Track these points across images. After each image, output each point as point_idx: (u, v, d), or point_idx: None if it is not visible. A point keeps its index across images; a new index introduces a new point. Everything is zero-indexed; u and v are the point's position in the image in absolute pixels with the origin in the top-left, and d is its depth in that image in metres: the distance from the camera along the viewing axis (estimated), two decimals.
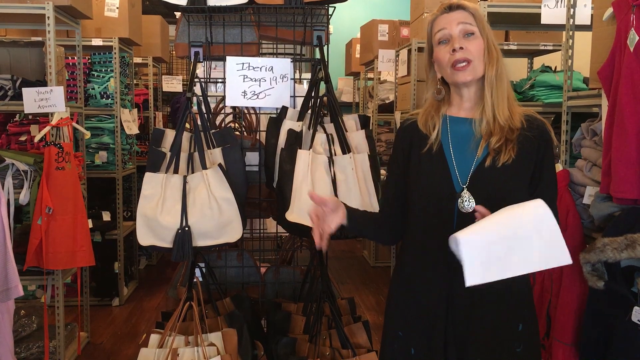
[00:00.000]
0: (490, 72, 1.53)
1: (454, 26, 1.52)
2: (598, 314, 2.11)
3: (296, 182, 2.26)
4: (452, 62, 1.51)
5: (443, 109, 1.62)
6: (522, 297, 1.58)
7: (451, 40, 1.52)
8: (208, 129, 2.47)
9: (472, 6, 1.56)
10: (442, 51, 1.54)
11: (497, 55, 1.54)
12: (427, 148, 1.58)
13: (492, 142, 1.51)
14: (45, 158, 3.03)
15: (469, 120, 1.58)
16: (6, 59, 3.61)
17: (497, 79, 1.53)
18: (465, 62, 1.51)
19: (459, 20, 1.52)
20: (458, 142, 1.57)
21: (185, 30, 2.76)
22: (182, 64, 7.08)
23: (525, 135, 1.53)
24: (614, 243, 1.90)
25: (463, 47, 1.50)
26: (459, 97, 1.59)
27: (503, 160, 1.50)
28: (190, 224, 2.26)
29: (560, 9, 3.13)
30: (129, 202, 5.18)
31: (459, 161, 1.55)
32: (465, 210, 1.49)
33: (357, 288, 5.03)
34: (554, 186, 1.59)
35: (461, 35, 1.52)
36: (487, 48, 1.53)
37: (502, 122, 1.52)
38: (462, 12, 1.54)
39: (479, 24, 1.53)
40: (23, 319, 3.26)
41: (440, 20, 1.55)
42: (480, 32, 1.53)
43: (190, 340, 2.35)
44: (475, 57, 1.51)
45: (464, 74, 1.52)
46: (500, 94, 1.54)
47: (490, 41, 1.54)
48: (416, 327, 1.59)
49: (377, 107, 5.90)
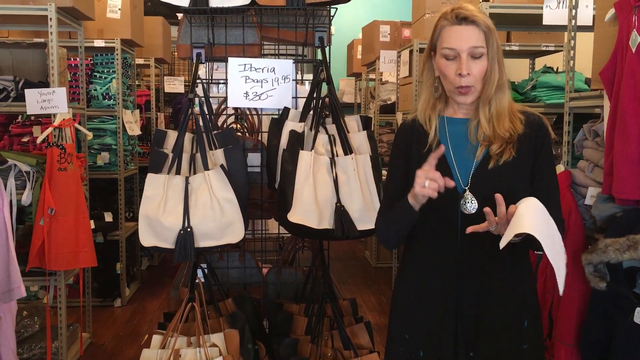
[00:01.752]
0: (488, 91, 1.51)
1: (463, 47, 1.48)
2: (600, 315, 2.10)
3: (298, 183, 2.26)
4: (457, 84, 1.50)
5: (439, 106, 1.61)
6: (527, 294, 1.58)
7: (459, 61, 1.49)
8: (210, 130, 2.47)
9: (484, 21, 1.50)
10: (449, 67, 1.52)
11: (497, 77, 1.51)
12: (427, 148, 1.58)
13: (493, 149, 1.51)
14: (48, 159, 3.04)
15: (466, 120, 1.58)
16: (9, 60, 3.62)
17: (498, 100, 1.52)
18: (468, 87, 1.50)
19: (470, 43, 1.48)
20: (457, 143, 1.57)
21: (187, 31, 2.76)
22: (184, 65, 7.09)
23: (524, 132, 1.53)
24: (616, 244, 1.90)
25: (470, 73, 1.48)
26: (456, 103, 1.59)
27: (504, 159, 1.50)
28: (192, 225, 2.27)
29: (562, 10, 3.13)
30: (130, 203, 5.19)
31: (459, 162, 1.55)
32: (468, 211, 1.49)
33: (359, 289, 5.03)
34: (554, 180, 1.58)
35: (469, 58, 1.49)
36: (489, 69, 1.50)
37: (503, 133, 1.52)
38: (474, 29, 1.49)
39: (488, 41, 1.50)
40: (25, 320, 3.26)
41: (451, 33, 1.51)
42: (487, 52, 1.50)
43: (193, 341, 2.35)
44: (477, 80, 1.51)
45: (465, 97, 1.52)
46: (500, 113, 1.53)
47: (494, 61, 1.50)
48: (424, 328, 1.59)
49: (379, 108, 5.90)
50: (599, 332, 2.09)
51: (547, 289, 2.41)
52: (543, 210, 1.37)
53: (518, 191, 1.49)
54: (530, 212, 1.35)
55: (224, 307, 2.64)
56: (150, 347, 2.34)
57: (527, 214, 1.35)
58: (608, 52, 2.17)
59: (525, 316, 1.57)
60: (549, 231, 1.35)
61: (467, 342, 1.54)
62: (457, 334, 1.55)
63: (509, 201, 1.37)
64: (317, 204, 2.27)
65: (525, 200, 1.39)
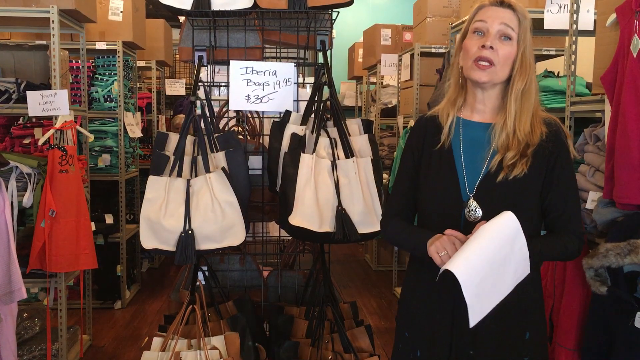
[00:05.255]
0: (519, 83, 1.49)
1: (495, 23, 1.48)
2: (601, 320, 2.10)
3: (299, 186, 2.27)
4: (476, 56, 1.47)
5: (459, 101, 1.58)
6: (529, 304, 1.55)
7: (486, 35, 1.48)
8: (211, 133, 2.48)
9: (523, 11, 1.51)
10: (473, 41, 1.50)
11: (529, 68, 1.49)
12: (439, 147, 1.56)
13: (507, 157, 1.48)
14: (49, 161, 3.04)
15: (483, 125, 1.54)
16: (11, 62, 3.62)
17: (526, 92, 1.49)
18: (488, 62, 1.47)
19: (502, 20, 1.47)
20: (469, 148, 1.54)
21: (189, 34, 2.77)
22: (186, 67, 7.10)
23: (540, 146, 1.49)
24: (617, 248, 1.89)
25: (493, 48, 1.46)
26: (472, 97, 1.56)
27: (515, 174, 1.47)
28: (193, 228, 2.27)
29: (563, 14, 3.13)
30: (131, 205, 5.19)
31: (468, 168, 1.53)
32: (472, 219, 1.47)
33: (359, 292, 5.03)
34: (572, 192, 1.52)
35: (497, 36, 1.48)
36: (520, 58, 1.49)
37: (521, 137, 1.48)
38: (510, 13, 1.49)
39: (521, 30, 1.49)
40: (26, 322, 3.26)
41: (486, 11, 1.50)
42: (517, 39, 1.49)
43: (193, 344, 2.35)
44: (500, 62, 1.47)
45: (481, 73, 1.48)
46: (525, 109, 1.50)
47: (526, 52, 1.50)
48: (422, 329, 1.59)
49: (380, 112, 5.91)
50: (600, 336, 2.09)
51: (548, 293, 2.40)
52: (501, 234, 1.31)
53: (523, 205, 1.47)
54: (478, 241, 1.30)
55: (224, 309, 2.64)
56: (150, 349, 2.34)
57: (474, 242, 1.30)
58: (609, 57, 2.17)
59: (528, 328, 1.53)
60: (488, 265, 1.28)
61: (461, 351, 1.52)
62: (452, 340, 1.53)
63: (514, 213, 1.34)
64: (318, 207, 2.27)
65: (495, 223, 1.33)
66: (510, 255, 1.32)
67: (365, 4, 8.73)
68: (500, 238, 1.31)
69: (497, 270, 1.30)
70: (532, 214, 1.51)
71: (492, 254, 1.30)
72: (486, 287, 1.29)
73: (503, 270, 1.32)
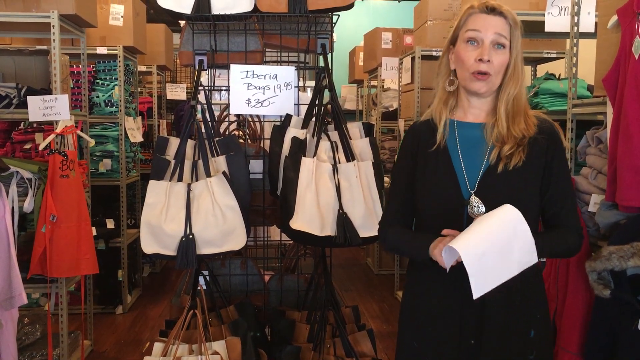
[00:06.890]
0: (511, 89, 1.52)
1: (489, 33, 1.49)
2: (604, 323, 2.09)
3: (300, 190, 2.26)
4: (474, 69, 1.50)
5: (450, 102, 1.59)
6: (534, 303, 1.57)
7: (481, 47, 1.50)
8: (212, 137, 2.47)
9: (512, 15, 1.53)
10: (469, 52, 1.51)
11: (520, 74, 1.52)
12: (435, 148, 1.57)
13: (504, 150, 1.50)
14: (50, 166, 3.04)
15: (477, 124, 1.57)
16: (11, 68, 3.63)
17: (516, 97, 1.53)
18: (487, 74, 1.50)
19: (495, 29, 1.49)
20: (466, 147, 1.56)
21: (190, 38, 2.77)
22: (186, 72, 7.11)
23: (535, 137, 1.53)
24: (620, 251, 1.89)
25: (490, 61, 1.48)
26: (467, 102, 1.58)
27: (513, 164, 1.49)
28: (194, 232, 2.26)
29: (564, 17, 3.12)
30: (132, 209, 5.19)
31: (467, 165, 1.54)
32: (476, 216, 1.48)
33: (361, 296, 5.02)
34: (569, 188, 1.56)
35: (492, 46, 1.50)
36: (512, 64, 1.51)
37: (516, 133, 1.51)
38: (501, 20, 1.51)
39: (512, 37, 1.51)
40: (27, 327, 3.25)
41: (478, 19, 1.52)
42: (510, 47, 1.51)
43: (194, 349, 2.34)
44: (496, 71, 1.50)
45: (480, 84, 1.51)
46: (517, 111, 1.53)
47: (517, 57, 1.52)
48: (430, 337, 1.58)
49: (381, 115, 5.91)
50: (603, 339, 2.08)
51: (551, 297, 2.39)
52: (501, 218, 1.35)
53: (525, 198, 1.49)
54: (477, 225, 1.35)
55: (225, 314, 2.64)
56: (151, 354, 2.33)
57: (473, 226, 1.36)
58: (611, 59, 2.17)
59: (532, 326, 1.55)
60: (489, 243, 1.33)
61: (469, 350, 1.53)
62: (460, 342, 1.53)
63: (517, 207, 1.36)
64: (320, 211, 2.26)
65: (494, 212, 1.38)
66: (513, 238, 1.35)
67: (365, 8, 8.74)
68: (501, 221, 1.36)
69: (499, 249, 1.34)
70: (532, 208, 1.53)
71: (493, 234, 1.34)
72: (489, 262, 1.33)
73: (507, 250, 1.35)
